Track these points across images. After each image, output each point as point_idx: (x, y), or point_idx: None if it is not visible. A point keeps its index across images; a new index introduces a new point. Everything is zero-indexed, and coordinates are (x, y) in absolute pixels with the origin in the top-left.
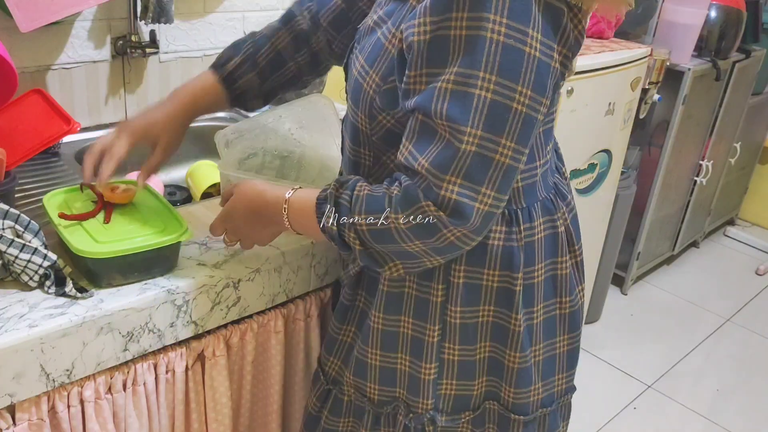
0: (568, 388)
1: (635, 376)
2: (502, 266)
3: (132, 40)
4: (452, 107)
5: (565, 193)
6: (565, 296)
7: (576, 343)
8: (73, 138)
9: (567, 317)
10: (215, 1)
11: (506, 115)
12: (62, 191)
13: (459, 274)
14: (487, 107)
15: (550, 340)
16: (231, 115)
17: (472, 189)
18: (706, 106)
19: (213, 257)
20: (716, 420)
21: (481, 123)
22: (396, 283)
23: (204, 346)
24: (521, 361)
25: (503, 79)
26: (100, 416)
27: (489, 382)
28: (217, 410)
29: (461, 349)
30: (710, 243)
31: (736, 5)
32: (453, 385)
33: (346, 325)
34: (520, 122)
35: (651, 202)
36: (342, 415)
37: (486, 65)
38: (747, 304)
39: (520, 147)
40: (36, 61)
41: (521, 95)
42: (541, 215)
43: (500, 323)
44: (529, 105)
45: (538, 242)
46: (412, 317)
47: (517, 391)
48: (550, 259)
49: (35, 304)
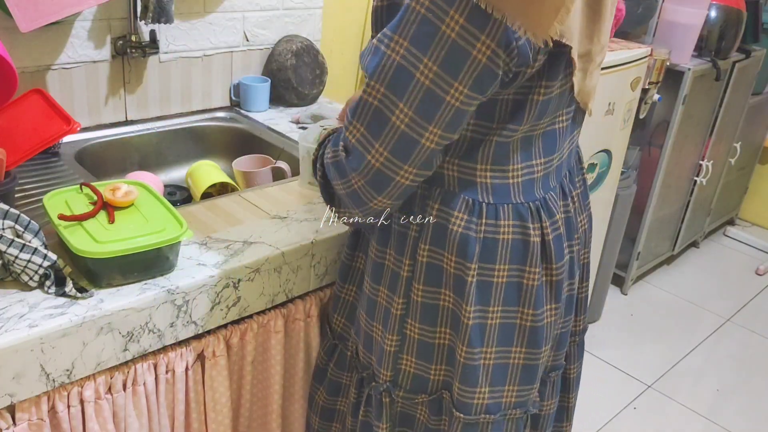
0: (518, 403)
1: (635, 376)
2: (458, 252)
3: (132, 40)
4: (369, 61)
5: (553, 212)
6: (527, 308)
7: (534, 361)
8: (73, 138)
9: (527, 330)
10: (215, 1)
11: (408, 81)
12: (62, 191)
13: (424, 253)
14: (392, 68)
15: (504, 347)
16: (231, 115)
17: (368, 141)
18: (706, 106)
19: (213, 257)
20: (716, 420)
21: (384, 81)
22: (381, 253)
23: (204, 346)
24: (467, 356)
25: (412, 47)
26: (100, 416)
27: (446, 372)
28: (217, 410)
29: (421, 329)
30: (710, 243)
31: (736, 5)
32: (412, 363)
33: (347, 284)
34: (422, 93)
35: (651, 202)
36: (346, 369)
37: (402, 30)
38: (747, 304)
39: (419, 119)
40: (36, 61)
41: (426, 67)
42: (511, 218)
43: (456, 312)
44: (433, 80)
45: (502, 242)
46: (387, 288)
47: (463, 387)
48: (517, 265)
49: (35, 304)
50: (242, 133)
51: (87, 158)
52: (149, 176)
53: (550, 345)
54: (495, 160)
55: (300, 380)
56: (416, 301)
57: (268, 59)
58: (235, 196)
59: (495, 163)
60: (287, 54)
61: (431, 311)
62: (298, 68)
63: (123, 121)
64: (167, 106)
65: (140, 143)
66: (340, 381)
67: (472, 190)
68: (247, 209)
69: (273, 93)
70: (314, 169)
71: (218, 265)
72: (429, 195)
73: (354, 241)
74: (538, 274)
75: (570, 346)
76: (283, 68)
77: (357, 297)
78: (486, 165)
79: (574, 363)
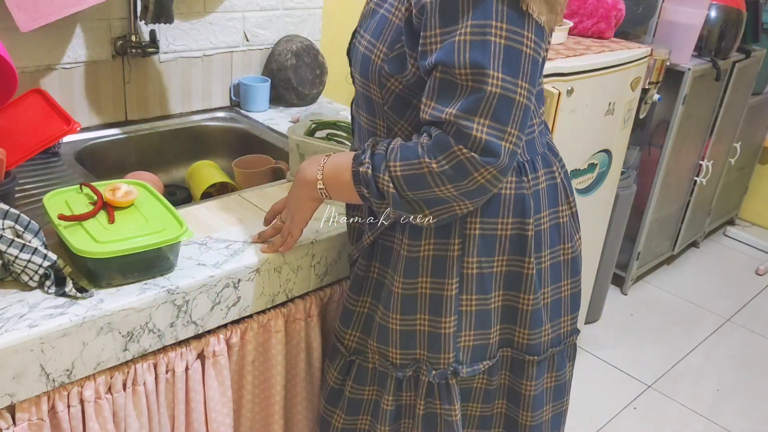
0: (573, 330)
1: (635, 376)
2: (515, 213)
3: (132, 40)
4: (474, 54)
5: (556, 151)
6: (567, 242)
7: (578, 288)
8: (73, 138)
9: (570, 262)
10: (215, 1)
11: (519, 58)
12: (62, 191)
13: (475, 226)
14: (503, 52)
15: (556, 284)
16: (231, 115)
17: (500, 129)
18: (706, 106)
19: (213, 257)
20: (716, 420)
21: (500, 66)
22: (414, 247)
23: (204, 346)
24: (534, 303)
25: (511, 26)
26: (100, 416)
27: (503, 330)
28: (217, 410)
29: (477, 299)
30: (710, 243)
31: (736, 5)
32: (471, 336)
33: (362, 297)
34: (530, 64)
35: (651, 202)
36: (367, 383)
37: (496, 15)
38: (747, 304)
39: (532, 87)
40: (36, 61)
41: (527, 39)
42: (542, 167)
43: (514, 270)
44: (534, 48)
45: (542, 191)
46: (429, 276)
47: (531, 332)
48: (552, 208)
49: (35, 304)
50: (242, 133)
51: (87, 158)
52: (149, 176)
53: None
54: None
55: (302, 381)
56: (470, 274)
57: (268, 59)
58: (235, 196)
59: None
60: (287, 54)
61: (486, 280)
62: (298, 68)
63: (123, 121)
64: (167, 106)
65: (140, 143)
66: (361, 398)
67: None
68: (247, 209)
69: (273, 93)
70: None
71: (218, 265)
72: None
73: (369, 251)
74: (566, 211)
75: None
76: (283, 68)
77: (372, 307)
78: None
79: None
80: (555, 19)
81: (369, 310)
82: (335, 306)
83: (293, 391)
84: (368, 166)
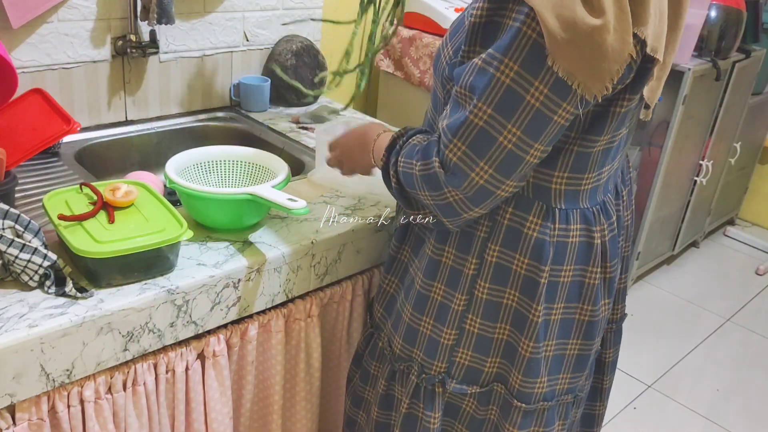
0: (570, 389)
1: (635, 376)
2: (532, 256)
3: (132, 40)
4: (475, 80)
5: (610, 213)
6: (587, 304)
7: (588, 351)
8: (73, 138)
9: (585, 324)
10: (215, 1)
11: (518, 103)
12: (62, 191)
13: (493, 254)
14: (502, 90)
15: (562, 340)
16: (231, 115)
17: (472, 159)
18: (706, 106)
19: (213, 257)
20: (716, 420)
21: (492, 103)
22: (438, 251)
23: (204, 346)
24: (533, 351)
25: (523, 70)
26: (100, 416)
27: (501, 365)
28: (217, 410)
29: (482, 324)
30: (710, 243)
31: (736, 5)
32: (468, 356)
33: (390, 275)
34: (531, 114)
35: (651, 202)
36: (375, 358)
37: (512, 53)
38: (747, 304)
39: (528, 138)
40: (36, 61)
41: (537, 90)
42: (579, 222)
43: (521, 310)
44: (543, 102)
45: (571, 245)
46: (444, 284)
47: (525, 379)
48: (581, 265)
49: (35, 304)
50: (242, 133)
51: (87, 158)
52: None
53: (599, 336)
54: (573, 168)
55: (301, 381)
56: (480, 298)
57: (268, 59)
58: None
59: (573, 171)
60: (287, 54)
61: (494, 308)
62: (298, 68)
63: (123, 121)
64: (167, 106)
65: (140, 143)
66: (369, 370)
67: (546, 195)
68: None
69: (273, 93)
70: (385, 175)
71: (218, 265)
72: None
73: (402, 234)
74: (599, 273)
75: (607, 332)
76: (283, 68)
77: (397, 289)
78: (563, 173)
79: (611, 348)
80: (601, 88)
81: (394, 291)
82: (335, 306)
83: (292, 391)
84: (385, 157)
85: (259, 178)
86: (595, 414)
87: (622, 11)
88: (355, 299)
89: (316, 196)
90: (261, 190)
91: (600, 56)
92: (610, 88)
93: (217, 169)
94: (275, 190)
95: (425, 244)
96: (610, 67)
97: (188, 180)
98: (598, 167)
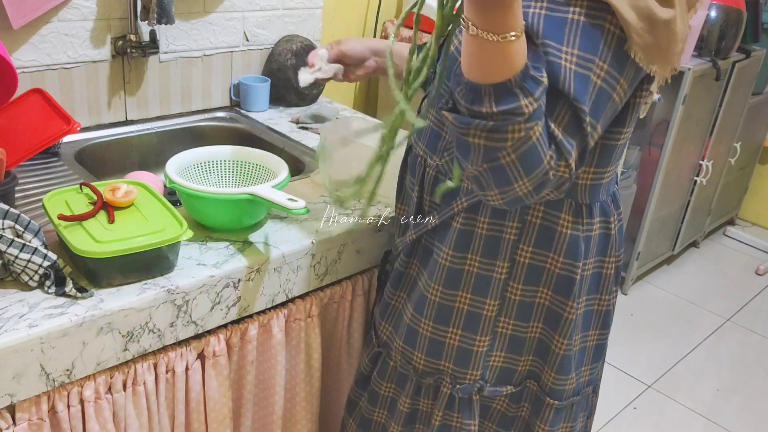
0: (590, 380)
1: (635, 376)
2: (567, 254)
3: (132, 40)
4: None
5: (619, 203)
6: (605, 294)
7: (604, 340)
8: (73, 138)
9: (602, 314)
10: (215, 1)
11: (607, 101)
12: (62, 191)
13: (526, 254)
14: (596, 93)
15: (584, 333)
16: (231, 115)
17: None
18: (706, 106)
19: (213, 257)
20: (716, 420)
21: (589, 107)
22: (457, 259)
23: (204, 345)
24: (567, 348)
25: (612, 69)
26: (100, 416)
27: (534, 363)
28: (217, 410)
29: (515, 324)
30: (710, 243)
31: (736, 5)
32: (501, 357)
33: (398, 291)
34: (609, 108)
35: (651, 202)
36: (386, 379)
37: (600, 53)
38: (747, 304)
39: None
40: (36, 61)
41: (621, 87)
42: (599, 215)
43: (554, 308)
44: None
45: (594, 238)
46: (470, 293)
47: (558, 376)
48: (599, 256)
49: (35, 304)
50: (242, 133)
51: (87, 158)
52: (149, 176)
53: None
54: (598, 163)
55: (301, 381)
56: (513, 300)
57: (268, 59)
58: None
59: (598, 166)
60: (287, 54)
61: (527, 308)
62: (298, 68)
63: (123, 121)
64: (167, 106)
65: (140, 143)
66: (379, 392)
67: (574, 192)
68: None
69: (273, 93)
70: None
71: (218, 265)
72: None
73: (411, 248)
74: (613, 263)
75: None
76: (283, 68)
77: (404, 304)
78: (590, 168)
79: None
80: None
81: (402, 306)
82: (335, 306)
83: (293, 391)
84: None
85: (259, 178)
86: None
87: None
88: (355, 299)
89: (316, 196)
90: (261, 190)
91: (673, 42)
92: (677, 68)
93: (217, 169)
94: (275, 190)
95: (437, 255)
96: (678, 49)
97: (188, 180)
98: (617, 159)
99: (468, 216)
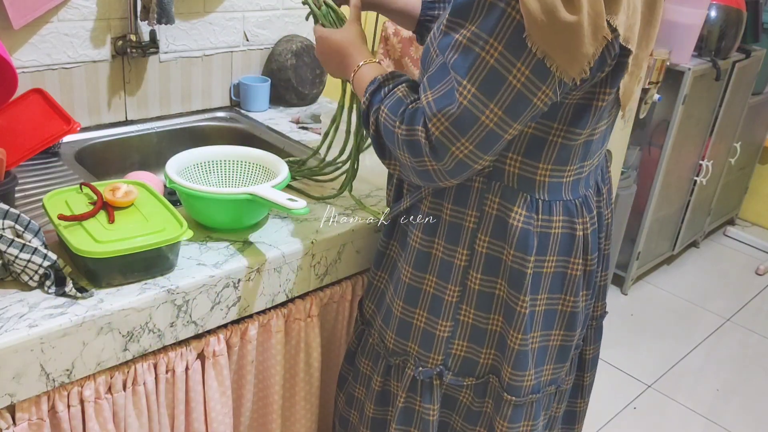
0: (553, 380)
1: (635, 376)
2: (518, 246)
3: (132, 40)
4: (458, 60)
5: (591, 207)
6: (569, 295)
7: (569, 342)
8: (73, 138)
9: (567, 315)
10: (215, 1)
11: (501, 84)
12: (62, 191)
13: (483, 244)
14: (486, 70)
15: (546, 331)
16: (231, 115)
17: (454, 135)
18: (706, 106)
19: (213, 257)
20: (716, 420)
21: (477, 81)
22: (425, 243)
23: (204, 346)
24: (521, 343)
25: (507, 51)
26: (100, 416)
27: (495, 357)
28: (217, 410)
29: (476, 314)
30: (710, 243)
31: (736, 5)
32: (463, 347)
33: (380, 272)
34: (512, 95)
35: (651, 202)
36: (366, 356)
37: (497, 33)
38: (747, 304)
39: (508, 119)
40: (36, 61)
41: (519, 72)
42: (561, 214)
43: (509, 302)
44: (524, 83)
45: (553, 236)
46: (435, 276)
47: (514, 372)
48: (563, 256)
49: (35, 304)
50: (242, 133)
51: (87, 158)
52: (149, 176)
53: (580, 328)
54: (557, 161)
55: (301, 381)
56: (473, 288)
57: (268, 59)
58: None
59: (556, 163)
60: (287, 54)
61: (487, 299)
62: (298, 68)
63: (123, 121)
64: (167, 106)
65: (140, 143)
66: (360, 369)
67: (530, 187)
68: None
69: (273, 93)
70: (365, 116)
71: (218, 265)
72: (488, 189)
73: (390, 229)
74: (580, 265)
75: (588, 329)
76: (283, 68)
77: (386, 284)
78: (548, 165)
79: (591, 345)
80: (579, 71)
81: (384, 287)
82: (335, 306)
83: (292, 391)
84: (367, 101)
85: (259, 178)
86: (576, 411)
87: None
88: (355, 299)
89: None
90: (261, 190)
91: (577, 42)
92: (587, 71)
93: (217, 169)
94: (275, 190)
95: (411, 237)
96: (587, 51)
97: (188, 180)
98: (580, 160)
99: (434, 201)
